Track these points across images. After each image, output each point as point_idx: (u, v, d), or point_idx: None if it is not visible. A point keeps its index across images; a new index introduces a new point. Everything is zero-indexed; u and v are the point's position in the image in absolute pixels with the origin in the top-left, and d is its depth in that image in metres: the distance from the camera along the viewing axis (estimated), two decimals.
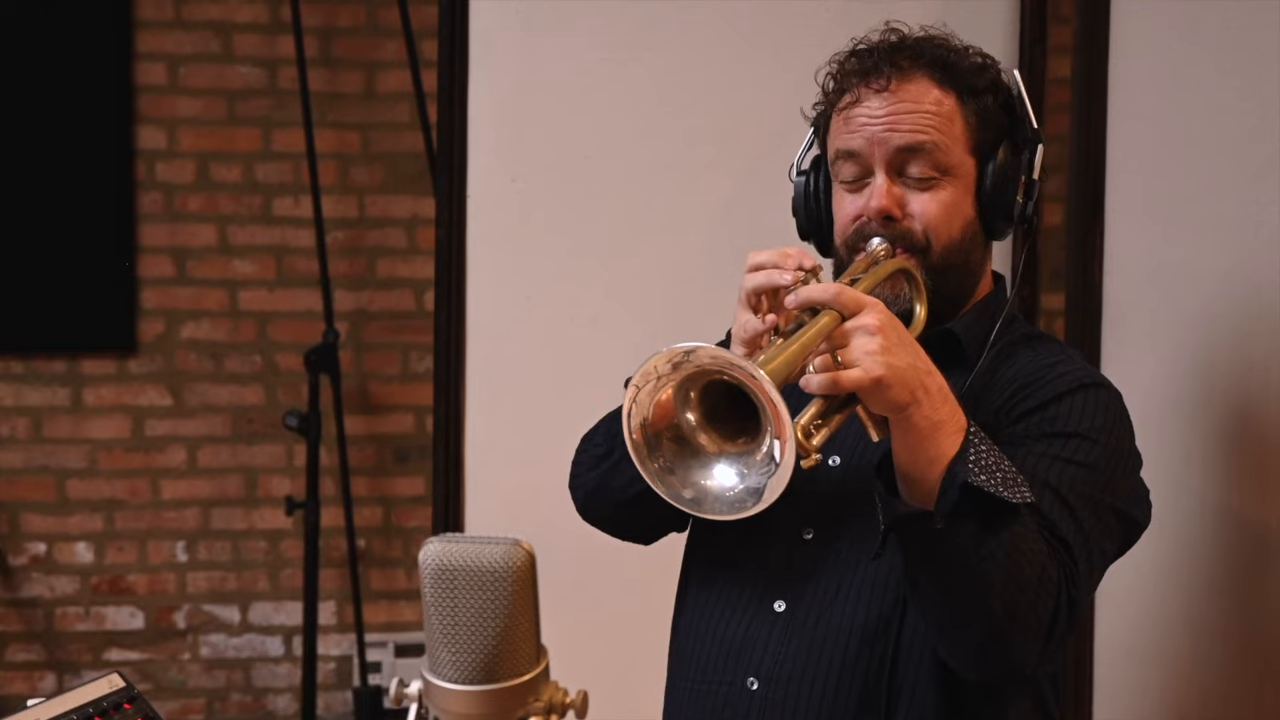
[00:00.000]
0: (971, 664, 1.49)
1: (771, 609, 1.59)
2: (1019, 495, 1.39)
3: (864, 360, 1.35)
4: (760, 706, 1.57)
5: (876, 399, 1.38)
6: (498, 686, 1.14)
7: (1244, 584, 2.09)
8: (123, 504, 3.79)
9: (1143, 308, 2.28)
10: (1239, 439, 2.10)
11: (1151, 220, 2.27)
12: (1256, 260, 2.06)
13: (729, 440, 1.33)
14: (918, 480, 1.40)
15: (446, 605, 1.12)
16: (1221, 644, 2.12)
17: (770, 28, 2.34)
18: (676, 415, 1.32)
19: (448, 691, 1.15)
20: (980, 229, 1.63)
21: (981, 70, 1.62)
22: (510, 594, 1.12)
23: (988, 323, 1.63)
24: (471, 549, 1.12)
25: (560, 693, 1.17)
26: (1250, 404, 2.07)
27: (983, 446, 1.40)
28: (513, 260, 2.42)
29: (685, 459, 1.33)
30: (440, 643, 1.13)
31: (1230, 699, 2.11)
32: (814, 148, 1.70)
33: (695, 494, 1.33)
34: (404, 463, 3.90)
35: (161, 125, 3.75)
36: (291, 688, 3.85)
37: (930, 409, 1.39)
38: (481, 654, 1.13)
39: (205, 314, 3.80)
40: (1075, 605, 1.45)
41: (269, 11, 3.75)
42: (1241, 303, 2.08)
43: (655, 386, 1.30)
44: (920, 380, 1.39)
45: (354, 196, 3.83)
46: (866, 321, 1.37)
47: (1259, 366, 2.04)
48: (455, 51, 2.36)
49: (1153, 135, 2.26)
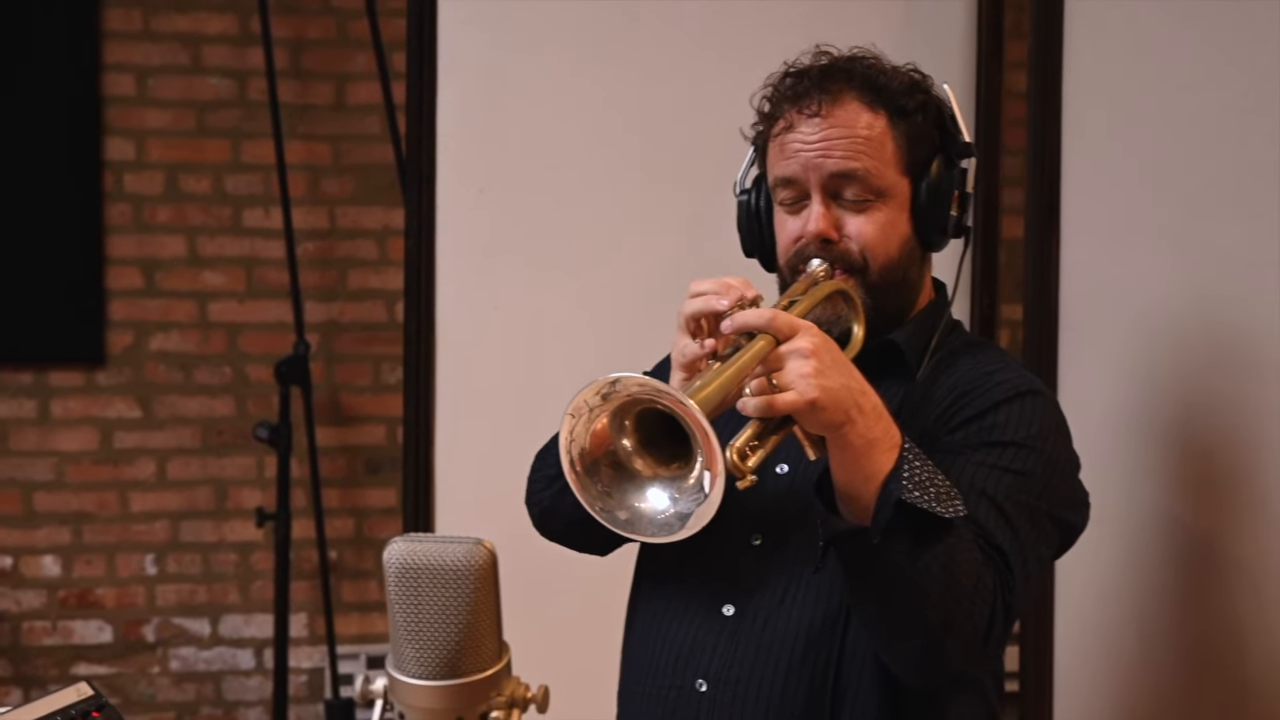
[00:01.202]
0: (912, 671, 1.53)
1: (720, 613, 1.62)
2: (952, 510, 1.43)
3: (798, 383, 1.39)
4: (709, 708, 1.60)
5: (811, 420, 1.42)
6: (461, 681, 1.15)
7: (1191, 587, 2.13)
8: (91, 517, 3.78)
9: (1096, 318, 2.31)
10: (1184, 446, 2.14)
11: (1105, 232, 2.31)
12: (1200, 271, 2.10)
13: (663, 465, 1.37)
14: (854, 497, 1.44)
15: (410, 603, 1.14)
16: (1173, 646, 2.17)
17: (736, 41, 2.36)
18: (613, 442, 1.36)
19: (412, 687, 1.16)
20: (917, 244, 1.67)
21: (912, 90, 1.66)
22: (473, 591, 1.13)
23: (928, 332, 1.67)
24: (434, 548, 1.14)
25: (522, 688, 1.18)
26: (1193, 412, 2.11)
27: (916, 463, 1.44)
28: (481, 270, 2.43)
29: (622, 483, 1.37)
30: (405, 639, 1.14)
31: (1181, 699, 2.15)
32: (755, 166, 1.73)
33: (629, 515, 1.37)
34: (376, 474, 3.90)
35: (130, 136, 3.74)
36: (263, 700, 3.84)
37: (865, 428, 1.43)
38: (445, 650, 1.14)
39: (175, 325, 3.79)
40: (1010, 610, 1.50)
41: (239, 23, 3.75)
42: (1185, 313, 2.12)
43: (590, 417, 1.33)
44: (854, 400, 1.42)
45: (324, 208, 3.83)
46: (801, 345, 1.41)
47: (1202, 375, 2.09)
48: (424, 63, 2.37)
49: (1106, 149, 2.30)
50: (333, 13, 3.79)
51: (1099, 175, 2.31)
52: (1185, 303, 2.12)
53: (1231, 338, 2.04)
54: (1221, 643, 2.06)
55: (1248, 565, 2.02)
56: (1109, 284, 2.29)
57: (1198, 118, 2.11)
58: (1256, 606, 1.99)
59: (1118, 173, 2.28)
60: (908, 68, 1.68)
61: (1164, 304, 2.16)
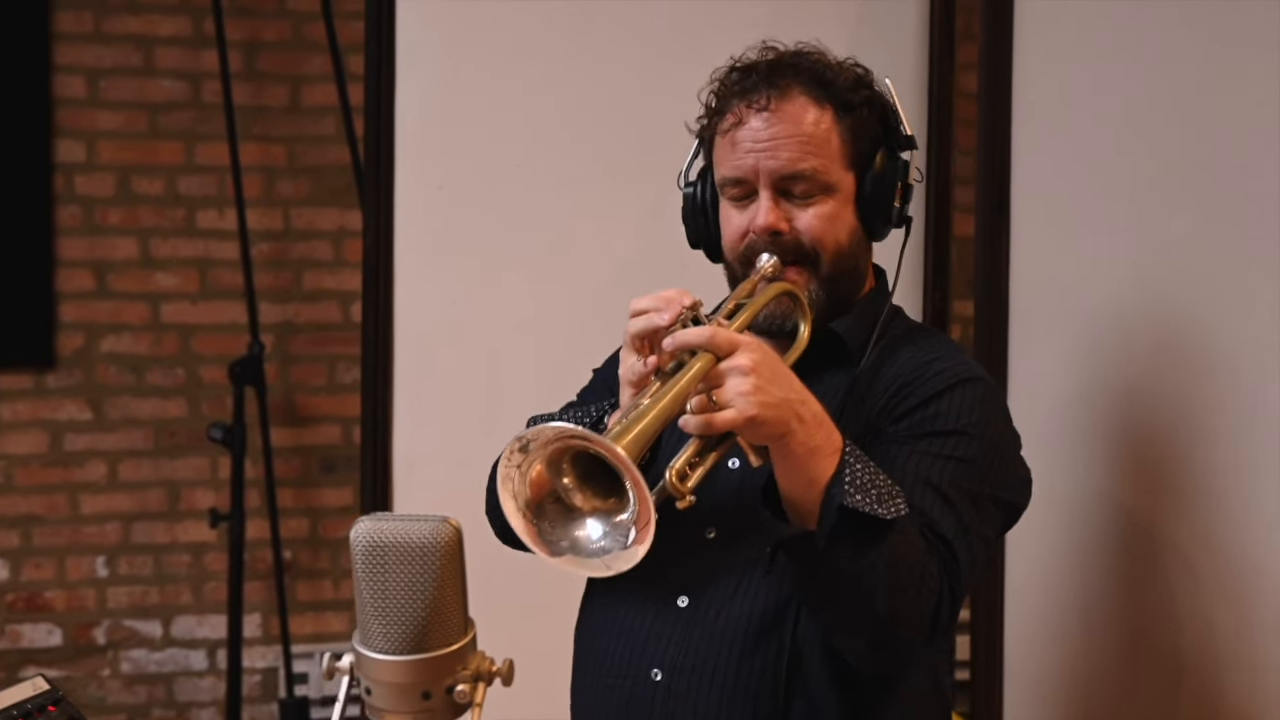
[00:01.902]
0: (864, 658, 1.58)
1: (675, 604, 1.65)
2: (894, 510, 1.46)
3: (737, 401, 1.42)
4: (664, 697, 1.63)
5: (752, 434, 1.45)
6: (427, 656, 1.17)
7: (1131, 571, 2.19)
8: (40, 520, 3.74)
9: (1045, 312, 2.37)
10: (1126, 436, 2.20)
11: (1053, 228, 2.36)
12: (1144, 266, 2.15)
13: (601, 498, 1.38)
14: (799, 501, 1.48)
15: (377, 580, 1.15)
16: (1114, 629, 2.22)
17: (692, 41, 2.39)
18: (553, 483, 1.37)
19: (379, 662, 1.17)
20: (863, 233, 1.71)
21: (856, 85, 1.69)
22: (438, 568, 1.15)
23: (871, 319, 1.70)
24: (401, 526, 1.15)
25: (487, 662, 1.20)
26: (1136, 403, 2.17)
27: (858, 466, 1.47)
28: (439, 266, 2.45)
29: (564, 518, 1.38)
30: (371, 616, 1.16)
31: (1121, 680, 2.20)
32: (700, 159, 1.76)
33: (569, 543, 1.38)
34: (331, 473, 3.90)
35: (81, 138, 3.71)
36: (216, 701, 3.82)
37: (805, 436, 1.45)
38: (411, 625, 1.16)
39: (126, 327, 3.76)
40: (956, 597, 1.54)
41: (192, 25, 3.73)
42: (1130, 307, 2.17)
43: (523, 471, 1.35)
44: (794, 411, 1.45)
45: (279, 209, 3.82)
46: (740, 362, 1.43)
47: (1146, 367, 2.14)
48: (382, 60, 2.38)
49: (1054, 148, 2.35)
50: (288, 15, 3.78)
51: (1048, 173, 2.37)
52: (1130, 297, 2.18)
53: (1174, 330, 2.09)
54: (1159, 625, 2.12)
55: (1185, 549, 2.07)
56: (1057, 279, 2.34)
57: (1142, 118, 2.17)
58: (1193, 589, 2.05)
59: (1066, 171, 2.33)
60: (850, 62, 1.71)
61: (1109, 298, 2.22)
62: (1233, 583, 1.99)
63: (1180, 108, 2.10)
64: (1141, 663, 2.15)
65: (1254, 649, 1.96)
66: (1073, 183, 2.32)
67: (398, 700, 1.18)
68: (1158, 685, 2.12)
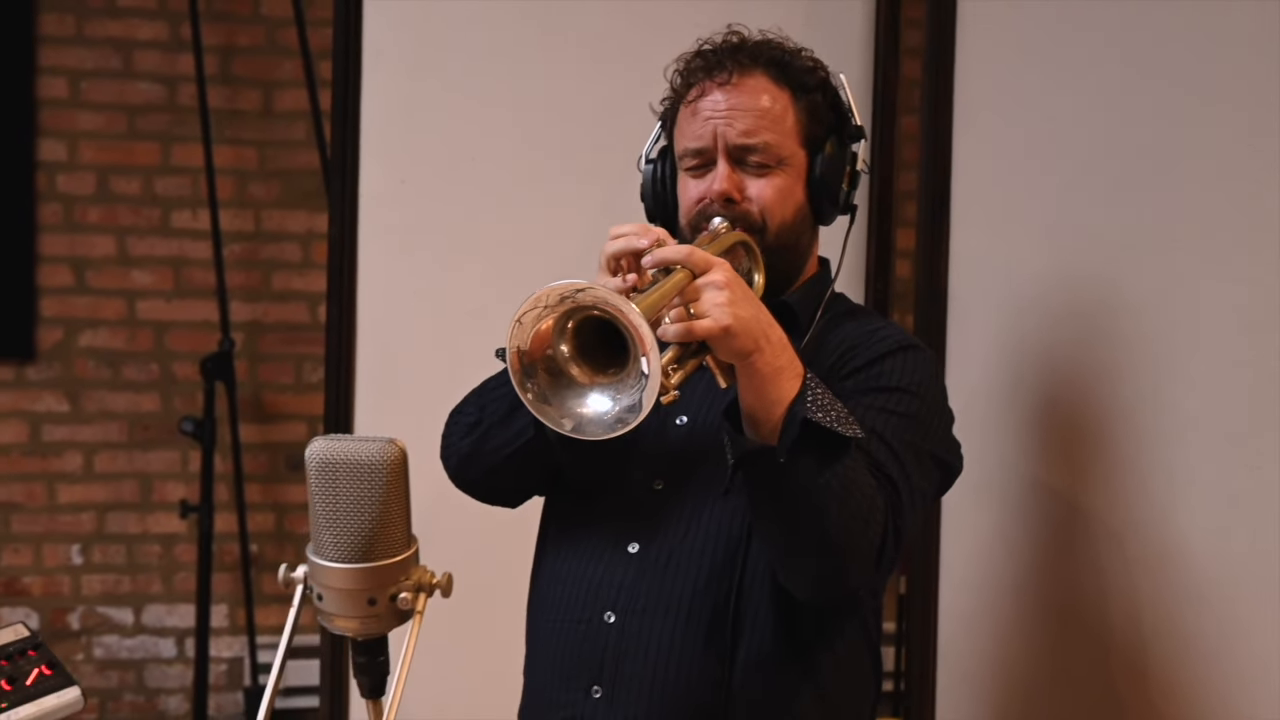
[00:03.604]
0: (810, 587, 1.65)
1: (626, 551, 1.74)
2: (851, 430, 1.55)
3: (714, 311, 1.50)
4: (618, 638, 1.71)
5: (724, 346, 1.52)
6: (373, 565, 1.27)
7: (1061, 547, 2.25)
8: (19, 507, 3.83)
9: (980, 299, 2.46)
10: (1054, 416, 2.27)
11: (988, 219, 2.45)
12: (1067, 257, 2.23)
13: (599, 373, 1.47)
14: (762, 421, 1.55)
15: (329, 493, 1.26)
16: (1045, 604, 2.29)
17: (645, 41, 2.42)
18: (552, 347, 1.46)
19: (330, 570, 1.27)
20: (810, 213, 1.81)
21: (813, 71, 1.81)
22: (384, 484, 1.26)
23: (816, 298, 1.82)
24: (351, 445, 1.26)
25: (428, 574, 1.30)
26: (1058, 387, 2.24)
27: (818, 389, 1.56)
28: (402, 257, 2.53)
29: (559, 390, 1.47)
30: (324, 527, 1.27)
31: (1052, 654, 2.27)
32: (660, 140, 1.87)
33: (574, 422, 1.46)
34: (296, 470, 3.95)
35: (62, 138, 3.81)
36: (183, 688, 3.91)
37: (772, 356, 1.54)
38: (359, 536, 1.26)
39: (103, 323, 3.86)
40: (900, 535, 1.62)
41: (169, 30, 3.83)
42: (1056, 292, 2.25)
43: (539, 315, 1.44)
44: (763, 330, 1.54)
45: (251, 211, 3.92)
46: (715, 278, 1.53)
47: (1072, 349, 2.22)
48: (349, 60, 2.47)
49: (991, 140, 2.44)
50: (262, 21, 3.87)
51: (983, 165, 2.46)
52: (1057, 282, 2.25)
53: (1099, 314, 2.16)
54: (1089, 601, 2.17)
55: (1111, 526, 2.13)
56: (990, 267, 2.42)
57: (1073, 111, 2.24)
58: (1122, 564, 2.10)
59: (999, 163, 2.42)
60: (807, 53, 1.83)
61: (1038, 284, 2.29)
62: (1157, 557, 2.04)
63: (1109, 102, 2.17)
64: (1072, 640, 2.21)
65: (1180, 619, 2.00)
66: (1004, 175, 2.40)
67: (346, 605, 1.29)
68: (1087, 659, 2.17)
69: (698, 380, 1.62)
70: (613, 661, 1.72)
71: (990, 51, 2.46)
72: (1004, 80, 2.43)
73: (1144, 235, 2.08)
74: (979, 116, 2.48)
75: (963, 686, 2.50)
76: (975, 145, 2.49)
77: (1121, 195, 2.13)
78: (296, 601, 1.33)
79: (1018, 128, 2.38)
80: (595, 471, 1.78)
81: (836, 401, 1.57)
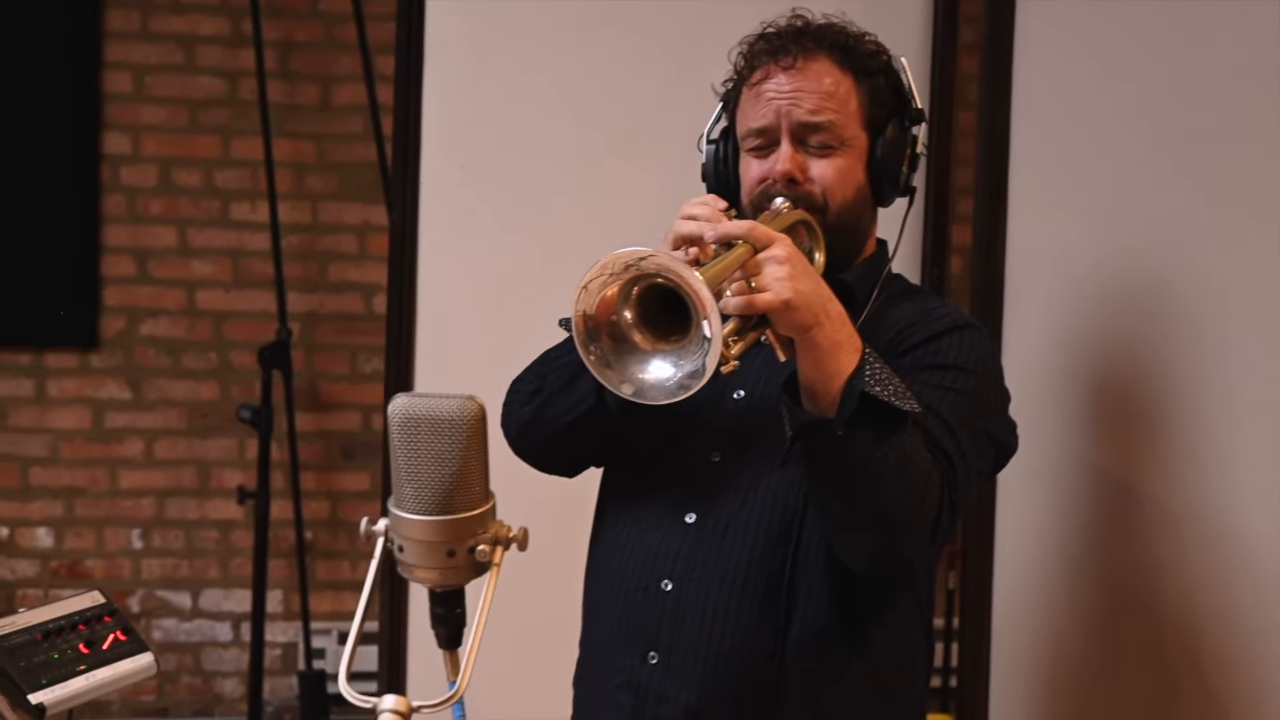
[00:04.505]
0: (866, 559, 1.67)
1: (683, 521, 1.76)
2: (908, 404, 1.58)
3: (774, 285, 1.52)
4: (674, 606, 1.74)
5: (784, 320, 1.55)
6: (452, 517, 1.31)
7: (1112, 533, 2.27)
8: (82, 492, 3.91)
9: (1035, 286, 2.47)
10: (1105, 404, 2.29)
11: (1043, 207, 2.47)
12: (1123, 243, 2.25)
13: (662, 340, 1.51)
14: (820, 394, 1.57)
15: (410, 448, 1.29)
16: (1098, 582, 2.30)
17: (702, 33, 2.44)
18: (616, 313, 1.49)
19: (411, 521, 1.30)
20: (870, 194, 1.84)
21: (875, 55, 1.84)
22: (464, 439, 1.29)
23: (874, 276, 1.84)
24: (432, 401, 1.30)
25: (505, 528, 1.34)
26: (1114, 373, 2.26)
27: (876, 364, 1.59)
28: (462, 244, 2.57)
29: (622, 355, 1.51)
30: (405, 480, 1.30)
31: (1104, 631, 2.28)
32: (722, 120, 1.89)
33: (635, 388, 1.50)
34: (351, 459, 4.03)
35: (126, 132, 3.88)
36: (239, 672, 3.97)
37: (831, 330, 1.56)
38: (439, 490, 1.29)
39: (164, 312, 3.93)
40: (955, 509, 1.63)
41: (231, 25, 3.89)
42: (1109, 282, 2.27)
43: (605, 282, 1.48)
44: (823, 305, 1.56)
45: (308, 203, 3.97)
46: (776, 253, 1.55)
47: (1122, 338, 2.24)
48: (412, 48, 2.52)
49: (1048, 129, 2.46)
50: (320, 16, 3.93)
51: (1041, 153, 2.47)
52: (1112, 269, 2.26)
53: (1155, 300, 2.17)
54: (1143, 584, 2.18)
55: (1169, 508, 2.13)
56: (1047, 253, 2.44)
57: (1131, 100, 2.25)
58: (1178, 549, 2.10)
59: (1058, 151, 2.43)
60: (870, 37, 1.86)
61: (1094, 271, 2.30)
62: (1212, 542, 2.03)
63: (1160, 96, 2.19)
64: (1127, 624, 2.21)
65: (1235, 604, 1.99)
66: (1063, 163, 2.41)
67: (426, 557, 1.33)
68: (1143, 645, 2.17)
69: (755, 356, 1.65)
70: (669, 629, 1.74)
71: (1048, 41, 2.47)
72: (1061, 70, 2.44)
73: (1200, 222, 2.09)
74: (1036, 106, 2.50)
75: (1015, 676, 2.51)
76: (1032, 134, 2.50)
77: (1177, 182, 2.14)
78: (378, 554, 1.37)
79: (1074, 115, 2.39)
80: (653, 442, 1.81)
81: (894, 376, 1.60)
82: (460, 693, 1.32)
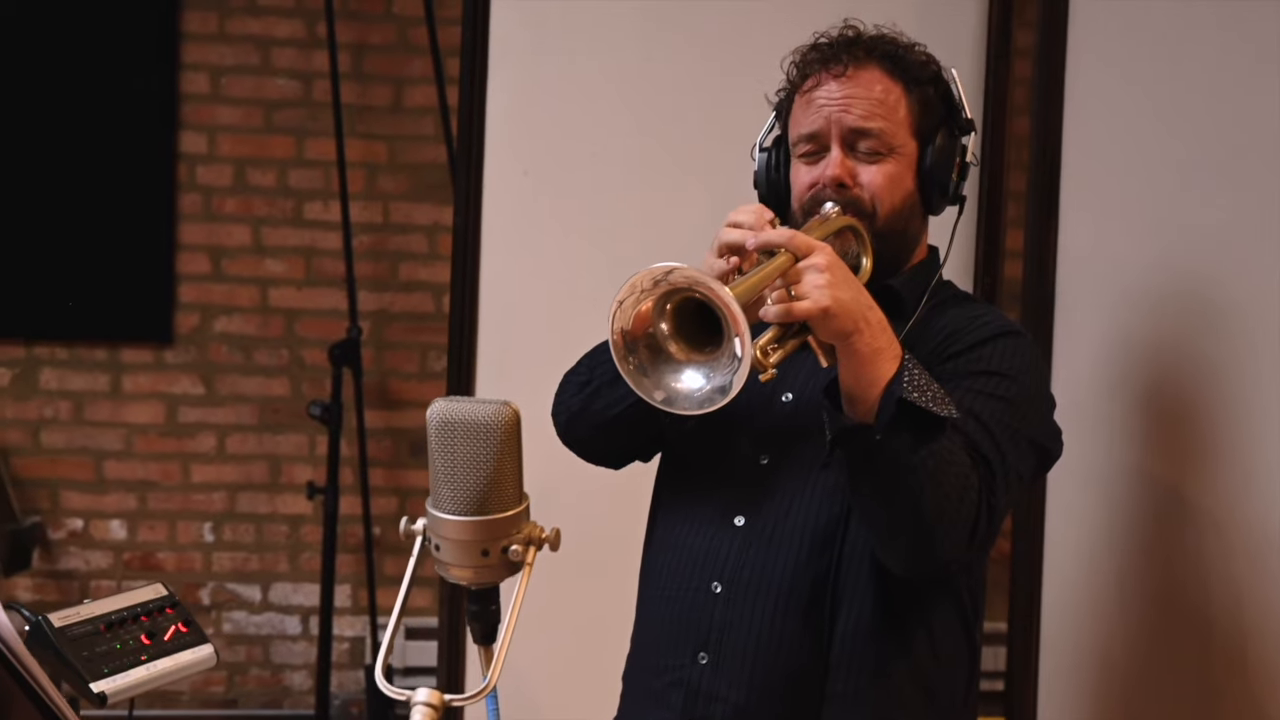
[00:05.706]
0: (905, 561, 1.69)
1: (732, 524, 1.79)
2: (946, 410, 1.59)
3: (814, 293, 1.56)
4: (723, 607, 1.77)
5: (824, 327, 1.58)
6: (487, 518, 1.34)
7: (1161, 541, 2.26)
8: (155, 485, 3.98)
9: (1087, 294, 2.46)
10: (1155, 412, 2.28)
11: (1096, 216, 2.46)
12: (1175, 253, 2.24)
13: (696, 351, 1.54)
14: (860, 399, 1.60)
15: (447, 451, 1.34)
16: (1146, 593, 2.30)
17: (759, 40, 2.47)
18: (652, 325, 1.53)
19: (447, 521, 1.35)
20: (919, 202, 1.85)
21: (925, 65, 1.86)
22: (498, 443, 1.32)
23: (923, 283, 1.85)
24: (469, 406, 1.34)
25: (538, 529, 1.37)
26: (1164, 381, 2.25)
27: (915, 371, 1.61)
28: (524, 246, 2.60)
29: (658, 364, 1.54)
30: (442, 481, 1.34)
31: (1151, 641, 2.28)
32: (775, 129, 1.92)
33: (666, 395, 1.54)
34: (419, 456, 4.06)
35: (203, 131, 3.95)
36: (307, 665, 4.02)
37: (871, 338, 1.59)
38: (475, 491, 1.33)
39: (237, 309, 3.99)
40: (994, 513, 1.65)
41: (306, 28, 3.95)
42: (1160, 291, 2.26)
43: (637, 299, 1.52)
44: (863, 313, 1.59)
45: (379, 203, 4.02)
46: (817, 261, 1.58)
47: (1173, 347, 2.23)
48: (476, 56, 2.56)
49: (1100, 137, 2.45)
50: (393, 19, 3.97)
51: (1093, 161, 2.47)
52: (1164, 278, 2.26)
53: (1206, 310, 2.17)
54: (1190, 591, 2.18)
55: (1218, 516, 2.13)
56: (1098, 262, 2.43)
57: (1185, 109, 2.25)
58: (1225, 557, 2.10)
59: (1111, 159, 2.43)
60: (921, 47, 1.87)
61: (1145, 279, 2.30)
62: (1260, 549, 2.03)
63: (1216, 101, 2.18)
64: (1174, 631, 2.21)
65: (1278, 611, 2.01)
66: (1115, 172, 2.41)
67: (461, 556, 1.36)
68: (1190, 651, 2.17)
69: (804, 359, 1.67)
70: (719, 630, 1.77)
71: (1102, 49, 2.46)
72: (1114, 78, 2.43)
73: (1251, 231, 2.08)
74: (1089, 113, 2.49)
75: (1064, 680, 2.50)
76: (1084, 142, 2.50)
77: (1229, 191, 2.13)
78: (416, 551, 1.41)
79: (1127, 125, 2.39)
80: (703, 443, 1.84)
81: (933, 383, 1.61)
82: (491, 685, 1.35)
